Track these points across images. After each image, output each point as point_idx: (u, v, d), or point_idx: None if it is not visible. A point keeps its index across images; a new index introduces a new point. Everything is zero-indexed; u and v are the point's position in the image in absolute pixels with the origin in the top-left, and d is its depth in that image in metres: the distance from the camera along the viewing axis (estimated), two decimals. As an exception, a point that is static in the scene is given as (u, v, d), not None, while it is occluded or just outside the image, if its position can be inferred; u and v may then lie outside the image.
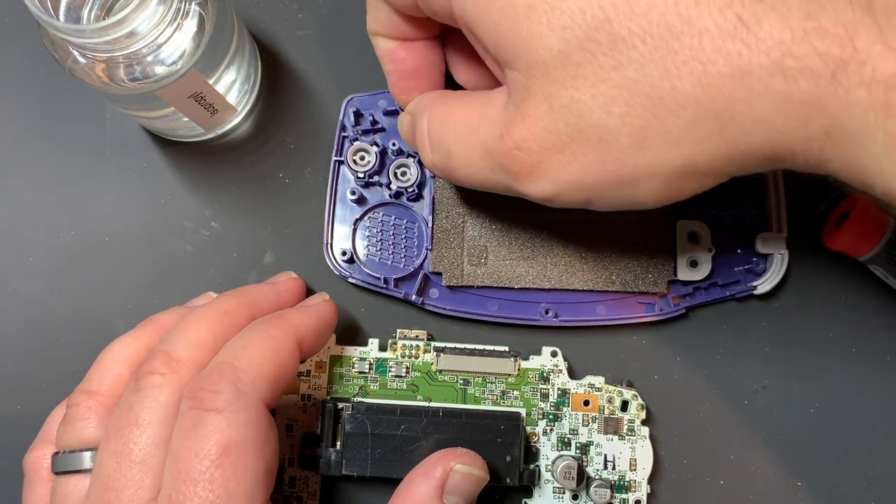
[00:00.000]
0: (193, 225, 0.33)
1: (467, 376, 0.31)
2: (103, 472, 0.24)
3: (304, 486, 0.30)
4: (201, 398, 0.24)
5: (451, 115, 0.26)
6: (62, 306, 0.33)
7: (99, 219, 0.33)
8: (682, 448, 0.32)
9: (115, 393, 0.27)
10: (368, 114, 0.33)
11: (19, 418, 0.32)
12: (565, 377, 0.31)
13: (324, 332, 0.29)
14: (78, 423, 0.26)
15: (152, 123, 0.32)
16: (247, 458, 0.24)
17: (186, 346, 0.26)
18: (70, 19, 0.29)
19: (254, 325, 0.27)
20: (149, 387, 0.25)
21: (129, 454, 0.24)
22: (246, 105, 0.33)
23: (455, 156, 0.25)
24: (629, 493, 0.31)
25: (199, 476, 0.23)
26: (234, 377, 0.24)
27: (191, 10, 0.28)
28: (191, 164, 0.34)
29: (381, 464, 0.29)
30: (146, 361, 0.26)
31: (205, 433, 0.23)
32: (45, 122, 0.34)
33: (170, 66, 0.28)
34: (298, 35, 0.35)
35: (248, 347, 0.26)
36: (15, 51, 0.34)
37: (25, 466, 0.27)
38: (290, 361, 0.27)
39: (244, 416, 0.24)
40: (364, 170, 0.32)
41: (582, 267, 0.32)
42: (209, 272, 0.33)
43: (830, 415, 0.32)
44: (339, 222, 0.32)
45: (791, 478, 0.32)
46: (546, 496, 0.31)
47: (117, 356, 0.27)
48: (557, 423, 0.31)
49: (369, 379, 0.31)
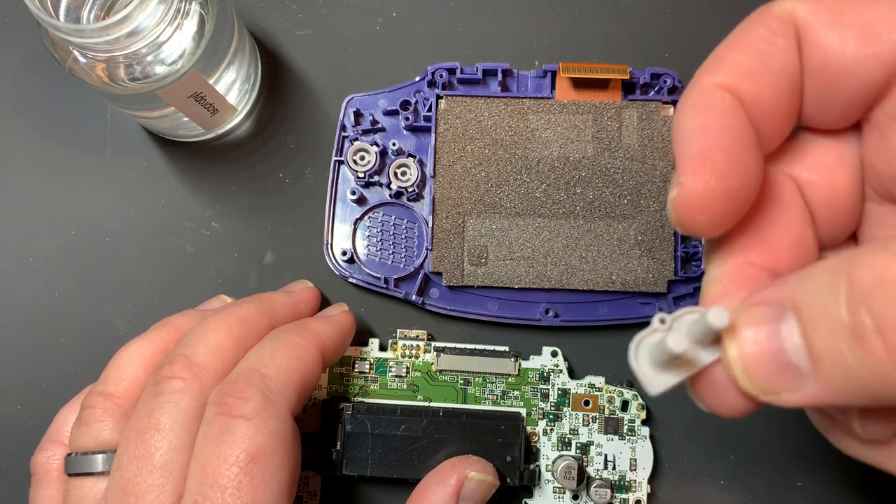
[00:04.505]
0: (194, 225, 0.33)
1: (467, 376, 0.31)
2: (123, 476, 0.24)
3: (305, 487, 0.30)
4: (229, 405, 0.24)
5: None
6: (62, 306, 0.33)
7: (99, 219, 0.33)
8: (683, 448, 0.32)
9: (131, 395, 0.26)
10: (368, 114, 0.33)
11: (19, 418, 0.32)
12: (565, 377, 0.31)
13: (344, 342, 0.29)
14: (94, 425, 0.26)
15: (152, 123, 0.32)
16: (274, 466, 0.24)
17: (207, 351, 0.26)
18: (70, 19, 0.29)
19: (277, 334, 0.27)
20: (170, 391, 0.25)
21: (150, 459, 0.24)
22: (246, 105, 0.33)
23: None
24: (629, 493, 0.31)
25: (228, 483, 0.23)
26: (263, 385, 0.24)
27: (191, 9, 0.28)
28: (191, 164, 0.34)
29: (381, 464, 0.29)
30: (166, 365, 0.25)
31: (233, 440, 0.23)
32: (45, 122, 0.34)
33: (170, 65, 0.28)
34: (298, 35, 0.35)
35: (274, 355, 0.26)
36: (15, 51, 0.34)
37: (34, 467, 0.27)
38: (314, 370, 0.27)
39: (272, 424, 0.24)
40: (364, 170, 0.32)
41: (582, 267, 0.32)
42: (209, 272, 0.33)
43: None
44: (339, 222, 0.32)
45: (792, 478, 0.32)
46: (546, 496, 0.31)
47: (133, 358, 0.27)
48: (558, 423, 0.31)
49: (369, 379, 0.31)
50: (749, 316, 0.16)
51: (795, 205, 0.19)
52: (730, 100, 0.18)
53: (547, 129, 0.32)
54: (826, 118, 0.19)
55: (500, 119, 0.32)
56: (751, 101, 0.18)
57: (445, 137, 0.32)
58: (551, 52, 0.34)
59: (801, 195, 0.19)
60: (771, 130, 0.19)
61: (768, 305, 0.16)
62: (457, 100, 0.32)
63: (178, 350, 0.26)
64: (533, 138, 0.32)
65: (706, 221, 0.17)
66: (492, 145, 0.32)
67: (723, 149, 0.17)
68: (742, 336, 0.16)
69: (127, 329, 0.33)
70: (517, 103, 0.32)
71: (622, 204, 0.32)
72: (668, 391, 0.18)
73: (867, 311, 0.14)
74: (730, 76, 0.18)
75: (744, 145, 0.18)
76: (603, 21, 0.34)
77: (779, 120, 0.19)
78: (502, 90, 0.32)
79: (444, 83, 0.32)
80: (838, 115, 0.19)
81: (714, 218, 0.18)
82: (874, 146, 0.19)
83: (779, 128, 0.19)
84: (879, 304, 0.14)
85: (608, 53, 0.34)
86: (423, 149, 0.33)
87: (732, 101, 0.18)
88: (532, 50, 0.34)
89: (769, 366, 0.16)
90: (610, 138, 0.32)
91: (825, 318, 0.15)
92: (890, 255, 0.14)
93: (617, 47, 0.34)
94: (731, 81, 0.18)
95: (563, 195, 0.32)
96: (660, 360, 0.18)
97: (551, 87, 0.32)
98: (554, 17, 0.34)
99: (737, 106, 0.18)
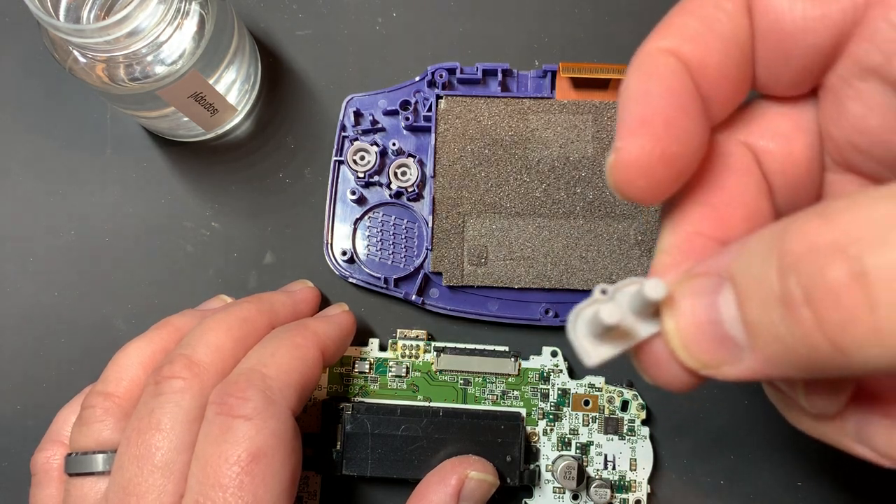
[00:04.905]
0: (193, 225, 0.33)
1: (467, 376, 0.31)
2: (124, 476, 0.24)
3: (305, 487, 0.30)
4: (230, 405, 0.24)
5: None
6: (62, 306, 0.33)
7: (99, 219, 0.33)
8: (683, 448, 0.32)
9: (131, 395, 0.26)
10: (368, 113, 0.33)
11: (19, 418, 0.32)
12: (565, 377, 0.31)
13: (344, 342, 0.29)
14: (94, 425, 0.26)
15: (152, 123, 0.32)
16: (275, 466, 0.24)
17: (207, 350, 0.26)
18: (70, 19, 0.29)
19: (278, 334, 0.27)
20: (170, 391, 0.25)
21: (151, 459, 0.24)
22: (246, 105, 0.33)
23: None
24: (629, 493, 0.31)
25: (229, 482, 0.23)
26: (263, 384, 0.24)
27: (191, 9, 0.28)
28: (191, 165, 0.34)
29: (381, 464, 0.29)
30: (166, 365, 0.25)
31: (234, 440, 0.23)
32: (45, 122, 0.34)
33: (170, 65, 0.28)
34: (298, 35, 0.35)
35: (275, 355, 0.26)
36: (15, 51, 0.34)
37: (34, 467, 0.27)
38: (314, 370, 0.27)
39: (273, 424, 0.24)
40: (364, 170, 0.32)
41: (582, 267, 0.32)
42: (209, 272, 0.33)
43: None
44: (339, 222, 0.32)
45: (792, 478, 0.32)
46: (546, 496, 0.31)
47: (133, 358, 0.27)
48: (558, 423, 0.31)
49: (369, 379, 0.31)
50: (687, 288, 0.16)
51: (750, 174, 0.19)
52: (673, 63, 0.17)
53: (547, 129, 0.32)
54: (780, 84, 0.19)
55: (500, 119, 0.32)
56: (696, 65, 0.17)
57: (445, 137, 0.32)
58: (551, 52, 0.34)
59: (757, 164, 0.19)
60: (721, 96, 0.18)
61: (707, 277, 0.16)
62: (457, 100, 0.32)
63: (178, 350, 0.26)
64: (533, 138, 0.32)
65: (644, 187, 0.17)
66: (492, 145, 0.32)
67: (662, 113, 0.17)
68: (680, 308, 0.16)
69: (127, 329, 0.33)
70: (517, 103, 0.32)
71: (622, 204, 0.32)
72: (605, 363, 0.17)
73: (796, 280, 0.13)
74: (675, 40, 0.17)
75: (685, 110, 0.17)
76: (603, 21, 0.34)
77: (728, 86, 0.18)
78: (502, 90, 0.32)
79: (444, 83, 0.32)
80: (791, 80, 0.18)
81: (652, 184, 0.17)
82: (829, 112, 0.18)
83: (730, 94, 0.18)
84: (808, 273, 0.13)
85: (608, 53, 0.34)
86: (423, 149, 0.33)
87: (676, 65, 0.17)
88: (532, 50, 0.34)
89: (707, 339, 0.16)
90: (610, 138, 0.32)
91: (758, 289, 0.14)
92: (822, 220, 0.13)
93: (617, 47, 0.34)
94: (675, 45, 0.17)
95: (563, 195, 0.32)
96: (597, 331, 0.17)
97: (551, 87, 0.32)
98: (554, 17, 0.34)
99: (680, 70, 0.17)
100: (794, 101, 0.19)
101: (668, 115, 0.17)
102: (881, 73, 0.16)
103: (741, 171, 0.18)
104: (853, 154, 0.18)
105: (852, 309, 0.13)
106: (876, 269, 0.12)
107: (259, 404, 0.24)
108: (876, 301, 0.12)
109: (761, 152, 0.19)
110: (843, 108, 0.17)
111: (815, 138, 0.19)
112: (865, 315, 0.12)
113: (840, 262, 0.13)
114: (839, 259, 0.13)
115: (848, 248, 0.13)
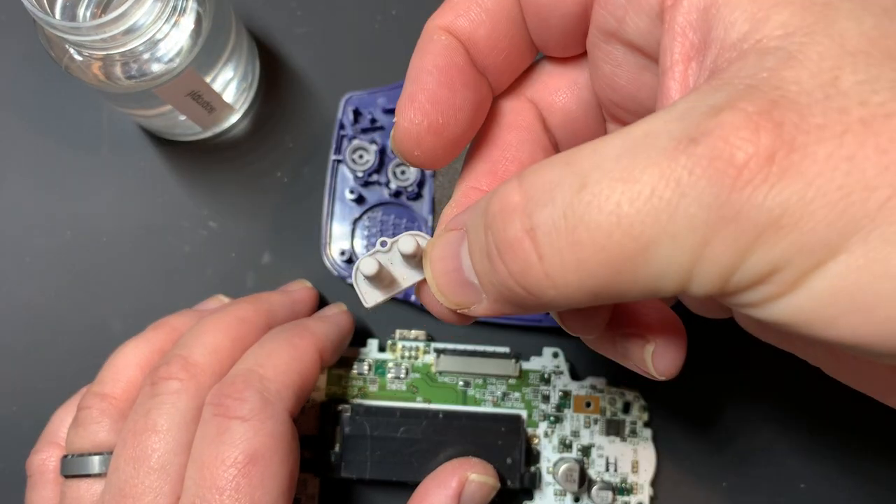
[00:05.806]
0: (191, 224, 0.33)
1: (468, 378, 0.31)
2: (120, 477, 0.24)
3: (303, 489, 0.30)
4: (227, 406, 0.24)
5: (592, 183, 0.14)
6: (58, 306, 0.33)
7: (95, 218, 0.33)
8: (685, 450, 0.32)
9: (128, 396, 0.26)
10: (367, 112, 0.32)
11: (15, 419, 0.32)
12: (567, 378, 0.31)
13: (342, 342, 0.29)
14: (90, 426, 0.26)
15: (149, 122, 0.32)
16: (273, 467, 0.24)
17: (204, 351, 0.26)
18: (66, 17, 0.28)
19: (275, 334, 0.27)
20: (166, 392, 0.25)
21: (147, 460, 0.24)
22: (244, 103, 0.33)
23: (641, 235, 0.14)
24: (631, 496, 0.30)
25: (226, 484, 0.23)
26: (261, 385, 0.24)
27: (188, 7, 0.28)
28: (188, 164, 0.33)
29: (380, 466, 0.29)
30: (163, 366, 0.25)
31: (231, 441, 0.23)
32: (41, 120, 0.34)
33: (167, 63, 0.28)
34: (297, 33, 0.34)
35: (272, 356, 0.26)
36: (11, 49, 0.34)
37: (30, 468, 0.27)
38: (312, 371, 0.27)
39: (270, 425, 0.24)
40: (363, 169, 0.32)
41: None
42: (207, 272, 0.33)
43: (834, 414, 0.32)
44: (337, 222, 0.32)
45: (795, 480, 0.32)
46: (547, 499, 0.30)
47: (130, 359, 0.27)
48: (559, 425, 0.31)
49: (368, 380, 0.31)
50: (440, 240, 0.18)
51: (530, 130, 0.21)
52: (445, 40, 0.19)
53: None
54: (552, 47, 0.20)
55: (500, 118, 0.32)
56: (467, 39, 0.19)
57: (445, 136, 0.32)
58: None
59: (540, 121, 0.21)
60: (497, 64, 0.20)
61: (455, 231, 0.18)
62: (457, 98, 0.32)
63: (174, 350, 0.26)
64: (533, 137, 0.32)
65: (421, 155, 0.19)
66: (492, 144, 0.32)
67: (427, 89, 0.19)
68: (432, 258, 0.18)
69: (123, 329, 0.32)
70: (518, 102, 0.32)
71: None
72: (380, 305, 0.20)
73: (492, 236, 0.15)
74: (449, 17, 0.19)
75: (450, 84, 0.19)
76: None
77: (502, 54, 0.20)
78: (503, 88, 0.32)
79: (443, 81, 0.32)
80: (559, 44, 0.20)
81: (426, 151, 0.19)
82: (592, 72, 0.20)
83: (507, 61, 0.20)
84: (496, 229, 0.15)
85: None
86: (422, 148, 0.32)
87: (448, 41, 0.19)
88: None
89: (454, 284, 0.18)
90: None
91: (476, 241, 0.16)
92: (517, 183, 0.15)
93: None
94: (449, 21, 0.19)
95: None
96: (371, 278, 0.20)
97: (552, 86, 0.32)
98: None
99: (451, 45, 0.19)
100: (572, 61, 0.21)
101: (432, 90, 0.19)
102: (618, 37, 0.18)
103: (519, 128, 0.21)
104: (613, 108, 0.20)
105: (526, 259, 0.15)
106: (542, 223, 0.14)
107: (256, 405, 0.24)
108: (542, 251, 0.14)
109: (543, 108, 0.21)
110: (598, 67, 0.19)
111: (590, 94, 0.21)
112: (537, 263, 0.14)
113: (518, 220, 0.15)
114: (518, 217, 0.15)
115: (526, 206, 0.15)
